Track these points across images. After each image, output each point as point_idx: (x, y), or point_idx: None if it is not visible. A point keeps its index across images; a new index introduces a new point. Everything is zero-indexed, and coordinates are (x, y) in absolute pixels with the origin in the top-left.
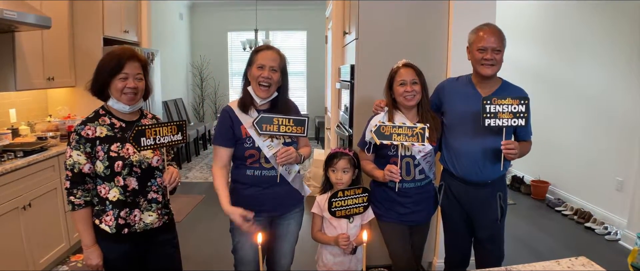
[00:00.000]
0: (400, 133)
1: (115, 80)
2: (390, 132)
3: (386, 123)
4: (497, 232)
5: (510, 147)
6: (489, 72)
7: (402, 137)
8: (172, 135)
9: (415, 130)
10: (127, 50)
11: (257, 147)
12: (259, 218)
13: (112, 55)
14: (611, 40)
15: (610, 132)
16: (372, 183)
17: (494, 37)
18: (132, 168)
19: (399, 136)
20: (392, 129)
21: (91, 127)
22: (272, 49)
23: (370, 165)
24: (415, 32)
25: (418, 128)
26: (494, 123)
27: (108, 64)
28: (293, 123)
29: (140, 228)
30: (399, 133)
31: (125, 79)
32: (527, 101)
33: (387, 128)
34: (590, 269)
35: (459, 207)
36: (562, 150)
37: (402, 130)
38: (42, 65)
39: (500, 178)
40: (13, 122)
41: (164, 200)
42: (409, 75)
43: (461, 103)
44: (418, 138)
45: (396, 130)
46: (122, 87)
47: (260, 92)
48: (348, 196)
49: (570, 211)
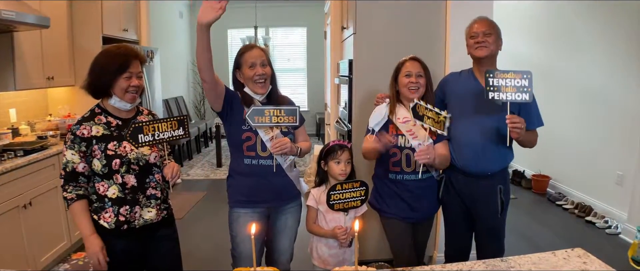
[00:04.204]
0: (430, 117)
1: (120, 79)
2: (423, 113)
3: (422, 103)
4: (497, 226)
5: (516, 120)
6: (481, 53)
7: (430, 121)
8: (173, 131)
9: (440, 118)
10: (130, 49)
11: (255, 130)
12: (257, 209)
13: (116, 54)
14: (611, 34)
15: (610, 126)
16: (375, 178)
17: (485, 23)
18: (130, 166)
19: (428, 119)
20: (425, 111)
21: (87, 126)
22: (254, 46)
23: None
24: (413, 26)
25: (443, 115)
26: (497, 97)
27: (113, 63)
28: (284, 113)
29: (139, 224)
30: (429, 117)
31: (130, 78)
32: (530, 76)
33: (422, 108)
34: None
35: (459, 200)
36: (563, 145)
37: (431, 114)
38: (41, 65)
39: (502, 171)
40: (13, 122)
41: (162, 196)
42: (415, 67)
43: (462, 95)
44: (441, 126)
45: (427, 113)
46: (127, 86)
47: (259, 88)
48: (346, 189)
49: (570, 205)
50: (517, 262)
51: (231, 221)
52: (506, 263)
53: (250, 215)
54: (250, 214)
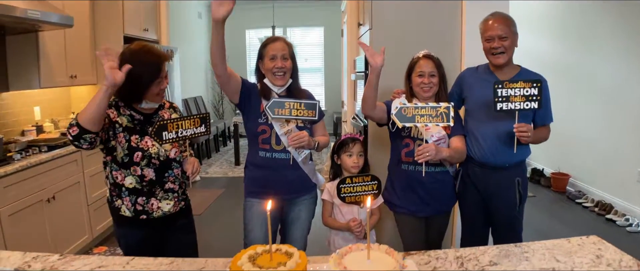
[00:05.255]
0: (424, 114)
1: (153, 85)
2: (413, 113)
3: (407, 105)
4: (514, 219)
5: (523, 129)
6: (500, 61)
7: (426, 118)
8: (195, 128)
9: (440, 110)
10: (160, 54)
11: (270, 124)
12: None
13: (148, 61)
14: (629, 31)
15: (631, 124)
16: (389, 168)
17: (499, 25)
18: (150, 160)
19: (422, 117)
20: (415, 110)
21: (113, 110)
22: (278, 39)
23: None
24: (429, 21)
25: (442, 107)
26: (506, 107)
27: (147, 72)
28: (304, 107)
29: (157, 215)
30: (422, 114)
31: (161, 81)
32: (540, 83)
33: (409, 110)
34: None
35: (476, 193)
36: (582, 143)
37: (425, 110)
38: (65, 64)
39: (519, 163)
40: (38, 120)
41: (180, 189)
42: (428, 66)
43: (479, 90)
44: (443, 118)
45: (418, 111)
46: (158, 90)
47: (278, 80)
48: (357, 183)
49: (590, 203)
50: (531, 247)
51: (245, 210)
52: (520, 248)
53: (263, 205)
54: (263, 204)
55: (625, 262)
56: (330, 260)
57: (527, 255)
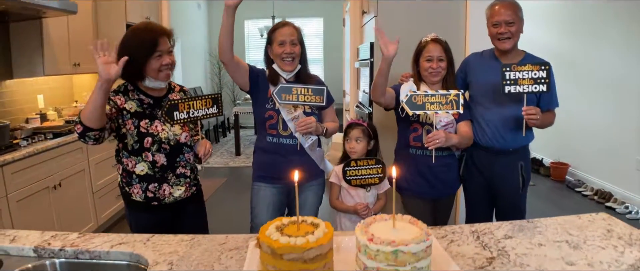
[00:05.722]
0: (434, 101)
1: (151, 60)
2: (423, 101)
3: (417, 92)
4: (518, 202)
5: (531, 112)
6: (506, 46)
7: (436, 106)
8: (207, 109)
9: (449, 98)
10: (157, 26)
11: (277, 109)
12: (277, 185)
13: (141, 35)
14: (630, 22)
15: (630, 112)
16: (396, 152)
17: (506, 10)
18: (161, 145)
19: (432, 105)
20: (425, 98)
21: (122, 97)
22: (288, 24)
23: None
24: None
25: (452, 95)
26: (514, 90)
27: (141, 44)
28: (312, 93)
29: (169, 201)
30: (432, 102)
31: (161, 56)
32: (548, 67)
33: (420, 97)
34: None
35: (480, 176)
36: (582, 132)
37: (435, 98)
38: (68, 51)
39: (523, 148)
40: (41, 108)
41: (192, 174)
42: (436, 51)
43: (484, 75)
44: (452, 106)
45: (429, 99)
46: (159, 66)
47: (286, 66)
48: (361, 166)
49: (590, 191)
50: (543, 223)
51: (252, 194)
52: (532, 223)
53: (271, 189)
54: (270, 189)
55: (635, 235)
56: (357, 229)
57: (540, 229)
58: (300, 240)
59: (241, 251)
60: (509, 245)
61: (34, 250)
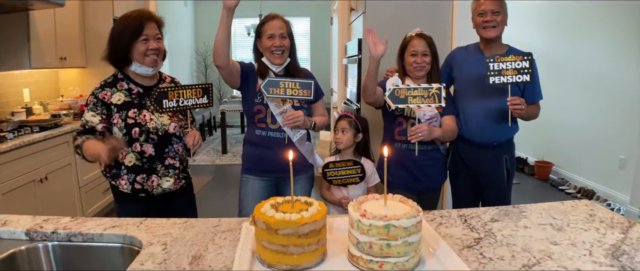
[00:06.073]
0: (416, 95)
1: (136, 44)
2: (405, 94)
3: (400, 86)
4: (503, 195)
5: (516, 102)
6: (491, 34)
7: (418, 99)
8: (197, 99)
9: (431, 91)
10: (144, 11)
11: (265, 104)
12: (265, 178)
13: (129, 18)
14: (612, 20)
15: (612, 111)
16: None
17: (492, 0)
18: (149, 135)
19: (414, 99)
20: (407, 91)
21: (108, 91)
22: (277, 17)
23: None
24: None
25: (434, 88)
26: (498, 81)
27: (127, 27)
28: (299, 86)
29: (157, 192)
30: (415, 96)
31: (147, 41)
32: (531, 57)
33: (402, 91)
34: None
35: (466, 170)
36: (565, 131)
37: (418, 91)
38: (55, 45)
39: (507, 141)
40: (27, 101)
41: (181, 166)
42: (420, 45)
43: (469, 68)
44: (435, 99)
45: (411, 93)
46: (145, 50)
47: (276, 59)
48: (340, 167)
49: (573, 190)
50: (528, 208)
51: (241, 186)
52: (518, 208)
53: (259, 182)
54: (258, 181)
55: (616, 219)
56: (350, 207)
57: (525, 214)
58: (295, 216)
59: (234, 232)
60: (495, 227)
61: (26, 233)
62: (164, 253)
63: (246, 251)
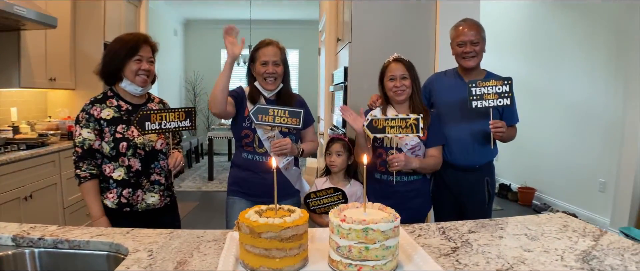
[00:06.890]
0: (394, 125)
1: (130, 62)
2: (383, 124)
3: (378, 116)
4: (484, 216)
5: (498, 125)
6: (471, 64)
7: (396, 129)
8: (180, 121)
9: (409, 122)
10: (141, 34)
11: (253, 128)
12: (250, 201)
13: (126, 39)
14: (590, 46)
15: (592, 136)
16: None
17: (471, 31)
18: (136, 150)
19: (392, 128)
20: (385, 122)
21: (97, 107)
22: (271, 43)
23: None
24: (405, 32)
25: (412, 119)
26: (480, 105)
27: (124, 46)
28: (288, 115)
29: (142, 208)
30: (392, 126)
31: (140, 61)
32: (510, 81)
33: (380, 121)
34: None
35: (448, 194)
36: (547, 156)
37: (395, 122)
38: (44, 66)
39: (488, 164)
40: (14, 120)
41: (166, 183)
42: (398, 70)
43: (448, 94)
44: (412, 129)
45: (389, 123)
46: (137, 69)
47: (268, 85)
48: (321, 196)
49: None
50: (505, 221)
51: (227, 207)
52: (494, 221)
53: (245, 202)
54: (244, 202)
55: (589, 229)
56: (331, 214)
57: (502, 226)
58: (278, 220)
59: (219, 242)
60: (472, 238)
61: (13, 238)
62: (149, 258)
63: (230, 257)
